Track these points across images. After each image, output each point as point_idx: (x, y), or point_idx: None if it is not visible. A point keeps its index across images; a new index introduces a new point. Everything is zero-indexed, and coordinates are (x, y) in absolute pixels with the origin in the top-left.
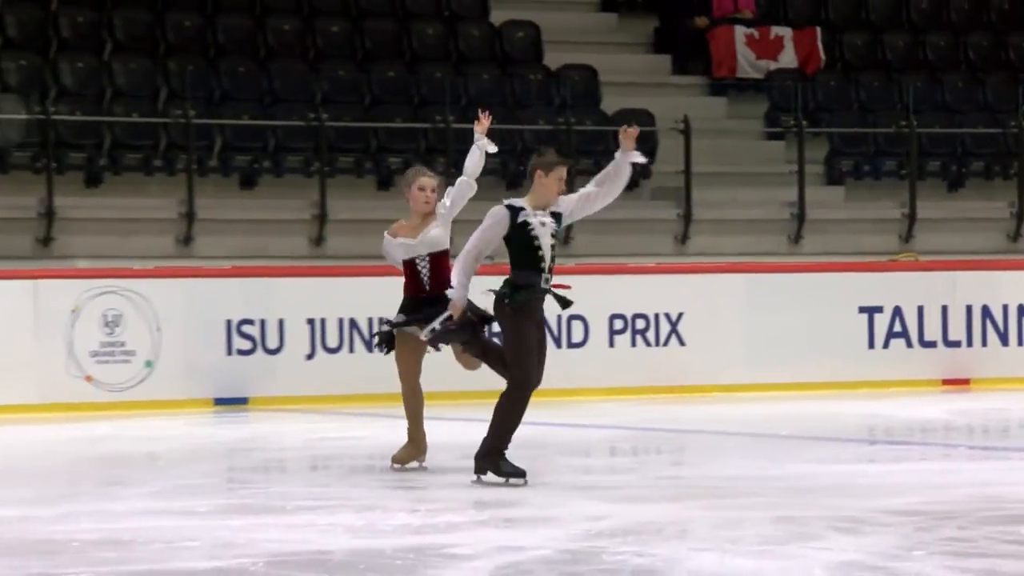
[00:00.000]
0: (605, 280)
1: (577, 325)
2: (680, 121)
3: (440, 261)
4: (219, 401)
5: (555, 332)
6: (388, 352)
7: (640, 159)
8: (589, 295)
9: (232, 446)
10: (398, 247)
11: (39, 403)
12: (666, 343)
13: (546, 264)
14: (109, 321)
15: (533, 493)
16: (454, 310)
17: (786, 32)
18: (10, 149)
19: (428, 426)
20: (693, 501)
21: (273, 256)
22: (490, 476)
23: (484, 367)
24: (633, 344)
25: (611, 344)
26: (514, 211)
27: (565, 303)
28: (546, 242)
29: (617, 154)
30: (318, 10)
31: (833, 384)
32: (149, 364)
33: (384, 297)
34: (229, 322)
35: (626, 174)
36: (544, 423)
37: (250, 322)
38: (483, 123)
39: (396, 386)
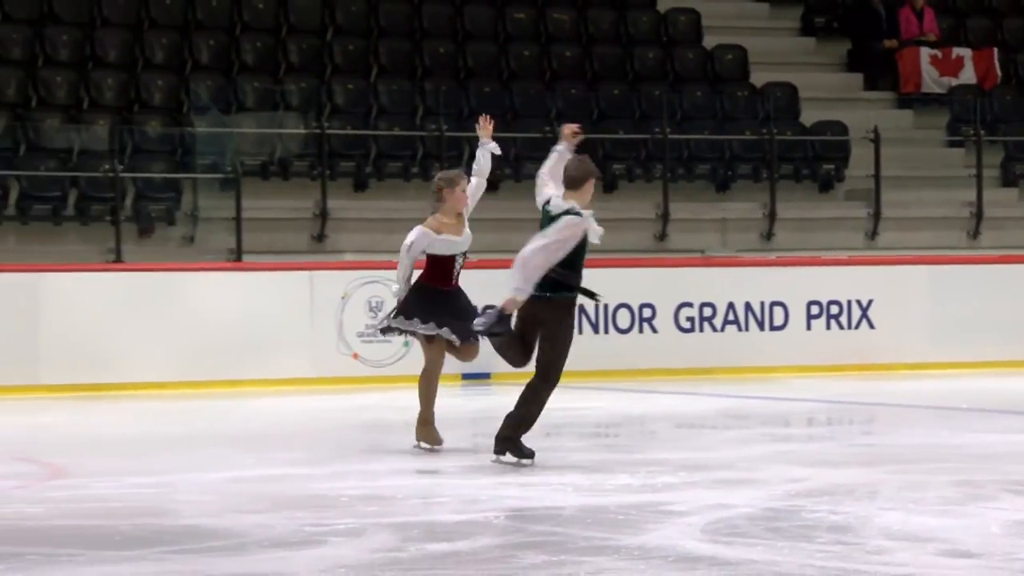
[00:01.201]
0: (804, 271)
1: (778, 310)
2: (871, 131)
3: (465, 259)
4: (466, 376)
5: (758, 316)
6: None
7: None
8: (789, 284)
9: (477, 415)
10: (442, 243)
11: (313, 377)
12: (857, 326)
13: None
14: (373, 306)
15: (739, 458)
16: (512, 307)
17: (966, 52)
18: (291, 159)
19: (646, 400)
20: (881, 466)
21: (511, 250)
22: (508, 456)
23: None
24: (828, 327)
25: (808, 327)
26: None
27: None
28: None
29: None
30: (554, 37)
31: (1007, 363)
32: (407, 344)
33: (608, 287)
34: (475, 308)
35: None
36: (748, 396)
37: (493, 307)
38: (486, 128)
39: (618, 363)
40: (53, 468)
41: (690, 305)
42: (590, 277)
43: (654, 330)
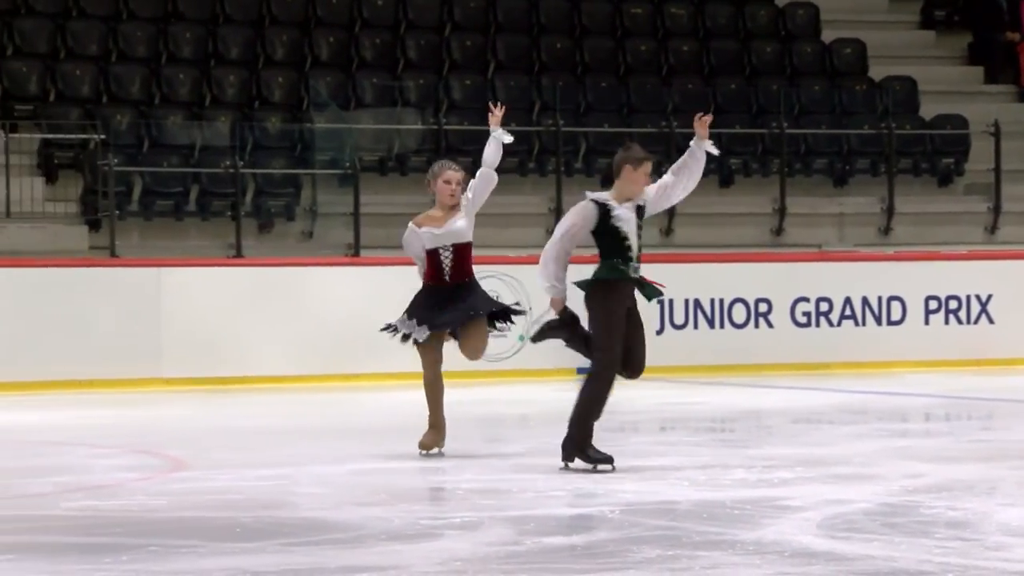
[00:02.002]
0: (922, 266)
1: (896, 305)
2: (991, 125)
3: (463, 252)
4: (581, 370)
5: (876, 311)
6: (405, 341)
7: (713, 149)
8: (907, 279)
9: None
10: (422, 237)
11: None
12: (976, 321)
13: (633, 254)
14: None
15: (856, 453)
16: (555, 306)
17: None
18: (409, 154)
19: (761, 395)
20: (1001, 462)
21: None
22: (578, 463)
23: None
24: (946, 322)
25: (926, 322)
26: (601, 206)
27: (653, 293)
28: (632, 233)
29: (692, 143)
30: (671, 32)
31: None
32: (522, 338)
33: (724, 282)
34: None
35: (701, 163)
36: (865, 392)
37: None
38: (496, 115)
39: (734, 358)
40: (174, 461)
41: (807, 300)
42: (707, 272)
43: (770, 325)
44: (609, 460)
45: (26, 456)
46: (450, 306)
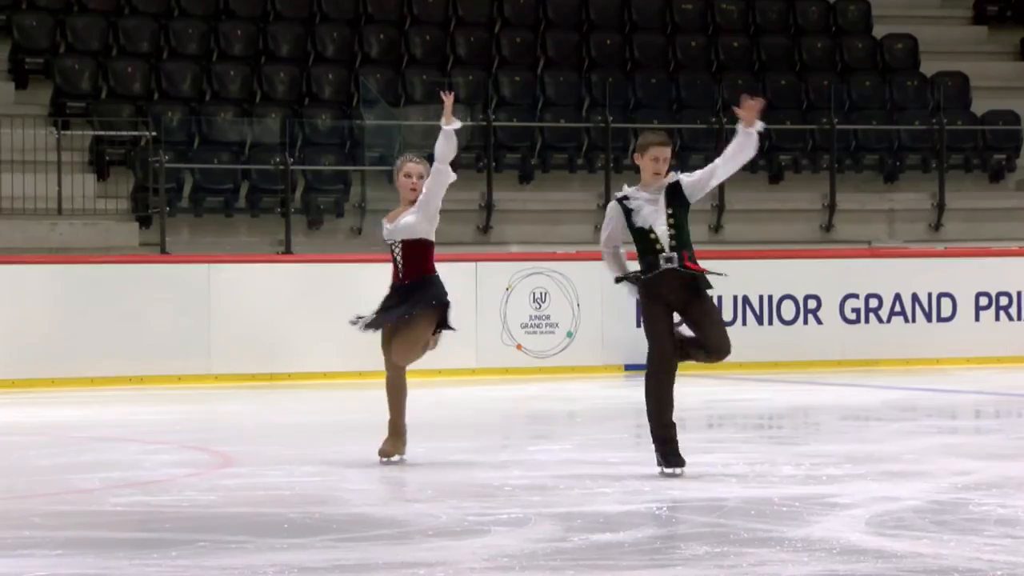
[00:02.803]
0: (972, 262)
1: (946, 302)
2: None
3: (414, 249)
4: (629, 367)
5: (926, 308)
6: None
7: (760, 127)
8: (958, 275)
9: (639, 406)
10: (383, 231)
11: (478, 368)
12: None
13: (663, 244)
14: (537, 298)
15: (906, 450)
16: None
17: None
18: (458, 151)
19: (810, 391)
20: None
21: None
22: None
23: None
24: (997, 319)
25: (977, 319)
26: (621, 203)
27: (699, 283)
28: (657, 223)
29: (738, 127)
30: (721, 27)
31: None
32: (570, 335)
33: (773, 278)
34: (636, 300)
35: (749, 146)
36: (915, 388)
37: None
38: (447, 102)
39: (783, 354)
40: (224, 457)
41: (856, 296)
42: (756, 268)
43: (819, 321)
44: (679, 465)
45: (76, 452)
46: (395, 305)
